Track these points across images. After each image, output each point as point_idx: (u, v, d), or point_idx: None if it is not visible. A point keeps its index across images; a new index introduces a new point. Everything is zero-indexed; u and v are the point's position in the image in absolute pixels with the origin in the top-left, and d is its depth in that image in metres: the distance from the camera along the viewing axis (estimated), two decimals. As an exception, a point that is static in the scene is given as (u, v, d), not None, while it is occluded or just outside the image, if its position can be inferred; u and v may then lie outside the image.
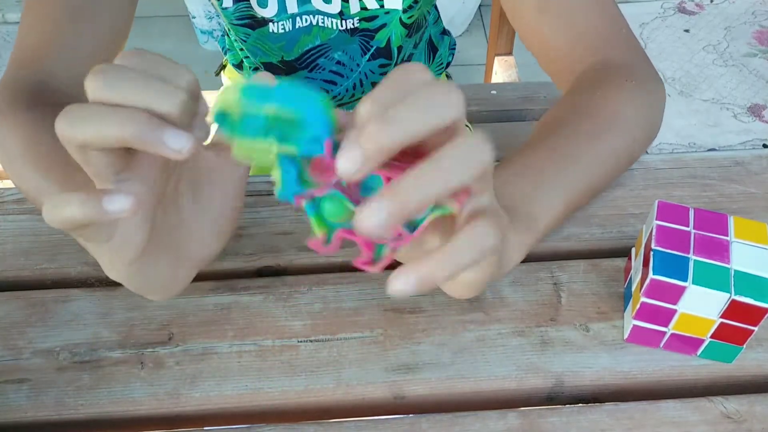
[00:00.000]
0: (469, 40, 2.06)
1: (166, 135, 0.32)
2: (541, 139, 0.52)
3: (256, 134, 0.33)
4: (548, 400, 0.46)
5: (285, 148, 0.33)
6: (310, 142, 0.33)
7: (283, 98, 0.32)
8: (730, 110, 1.84)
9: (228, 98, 0.32)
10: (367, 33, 0.71)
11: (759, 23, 2.11)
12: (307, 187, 0.34)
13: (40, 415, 0.45)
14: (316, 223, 0.35)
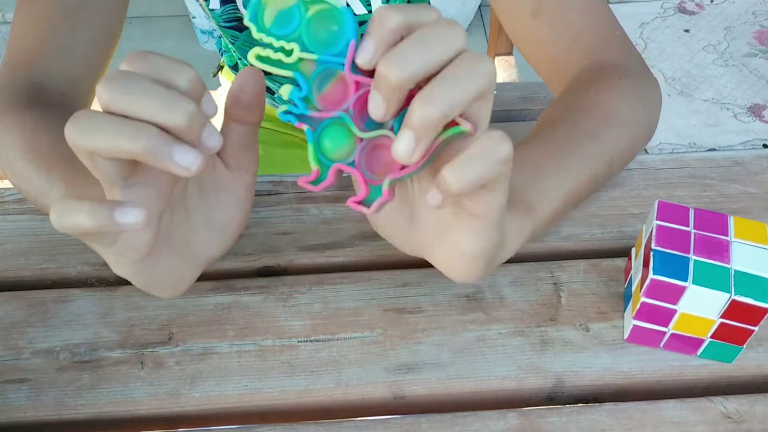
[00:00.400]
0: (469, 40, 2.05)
1: (176, 152, 0.32)
2: (539, 134, 0.52)
3: (283, 34, 0.33)
4: (548, 400, 0.46)
5: (306, 56, 0.33)
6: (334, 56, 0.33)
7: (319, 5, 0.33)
8: (730, 110, 1.84)
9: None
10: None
11: (759, 23, 2.11)
12: (314, 111, 0.34)
13: (40, 415, 0.45)
14: (314, 153, 0.35)
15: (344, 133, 0.35)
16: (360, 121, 0.35)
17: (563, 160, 0.50)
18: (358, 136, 0.35)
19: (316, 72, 0.34)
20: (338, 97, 0.34)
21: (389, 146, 0.34)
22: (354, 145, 0.35)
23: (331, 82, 0.34)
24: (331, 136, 0.35)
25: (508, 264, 0.52)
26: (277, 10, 0.33)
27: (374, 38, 0.32)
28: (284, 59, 0.34)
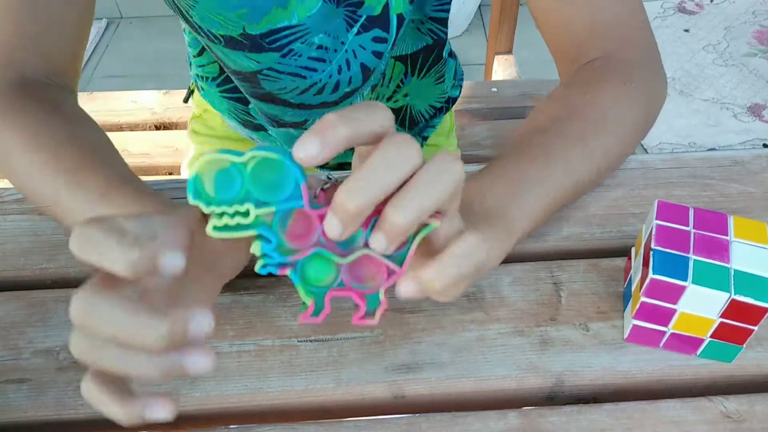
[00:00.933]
0: (469, 40, 2.06)
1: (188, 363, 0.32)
2: (527, 138, 0.52)
3: (232, 201, 0.33)
4: (548, 400, 0.46)
5: (263, 211, 0.34)
6: (288, 199, 0.34)
7: (254, 156, 0.33)
8: (730, 110, 1.84)
9: (202, 167, 0.33)
10: (354, 1, 0.60)
11: (759, 23, 2.11)
12: (289, 254, 0.35)
13: (40, 415, 0.45)
14: (304, 291, 0.36)
15: (325, 262, 0.36)
16: (334, 246, 0.36)
17: (548, 171, 0.49)
18: (338, 263, 0.36)
19: (276, 219, 0.34)
20: (305, 230, 0.35)
21: (370, 259, 0.36)
22: (336, 269, 0.36)
23: (293, 219, 0.35)
24: (314, 268, 0.36)
25: (508, 264, 0.52)
26: (214, 175, 0.33)
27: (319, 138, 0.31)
28: (243, 221, 0.34)
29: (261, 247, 0.35)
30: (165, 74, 1.97)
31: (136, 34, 2.07)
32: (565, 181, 0.50)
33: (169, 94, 1.11)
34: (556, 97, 0.56)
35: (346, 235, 0.33)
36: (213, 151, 0.33)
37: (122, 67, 1.98)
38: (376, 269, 0.37)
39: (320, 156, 0.31)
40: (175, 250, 0.32)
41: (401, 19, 0.63)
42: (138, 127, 1.07)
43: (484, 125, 1.04)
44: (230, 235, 0.34)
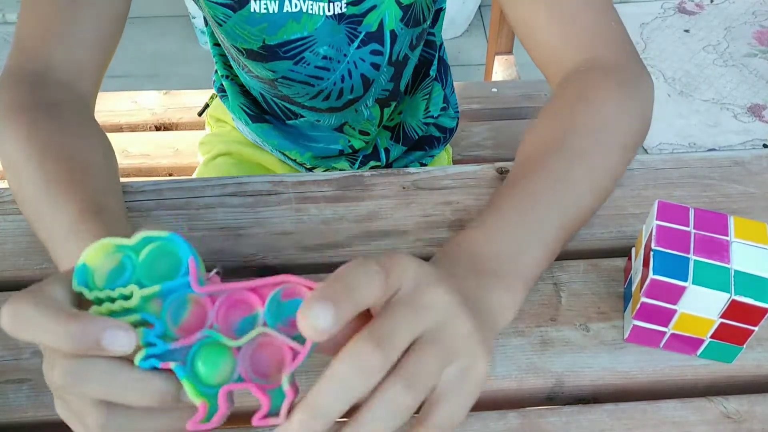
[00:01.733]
0: (469, 40, 2.06)
1: None
2: (527, 168, 0.50)
3: (116, 284, 0.32)
4: (548, 400, 0.46)
5: (147, 291, 0.32)
6: (176, 279, 0.32)
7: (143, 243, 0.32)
8: (730, 110, 1.84)
9: (91, 253, 0.32)
10: (354, 19, 0.66)
11: (759, 23, 2.11)
12: (176, 338, 0.32)
13: (40, 415, 0.45)
14: (193, 389, 0.31)
15: (218, 351, 0.32)
16: (229, 331, 0.32)
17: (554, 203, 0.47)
18: (233, 346, 0.32)
19: (165, 305, 0.32)
20: (198, 320, 0.32)
21: (271, 342, 0.32)
22: (233, 359, 0.32)
23: (185, 310, 0.32)
24: (205, 360, 0.32)
25: (508, 264, 0.52)
26: (107, 271, 0.32)
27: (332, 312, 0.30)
28: (126, 304, 0.31)
29: (143, 334, 0.31)
30: (165, 74, 1.97)
31: (136, 34, 2.07)
32: (572, 212, 0.48)
33: (169, 95, 1.11)
34: (550, 112, 0.55)
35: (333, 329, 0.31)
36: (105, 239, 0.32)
37: (122, 67, 1.98)
38: (278, 357, 0.33)
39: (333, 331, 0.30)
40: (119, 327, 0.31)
41: (394, 35, 0.68)
42: (138, 127, 1.07)
43: (484, 126, 1.04)
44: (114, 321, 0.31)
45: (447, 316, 0.35)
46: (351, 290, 0.31)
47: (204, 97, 1.09)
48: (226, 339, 0.32)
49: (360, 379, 0.32)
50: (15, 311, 0.31)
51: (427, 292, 0.35)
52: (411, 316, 0.34)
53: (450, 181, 0.59)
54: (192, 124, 1.07)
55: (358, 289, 0.31)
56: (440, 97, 0.83)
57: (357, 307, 0.31)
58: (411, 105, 0.82)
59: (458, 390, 0.35)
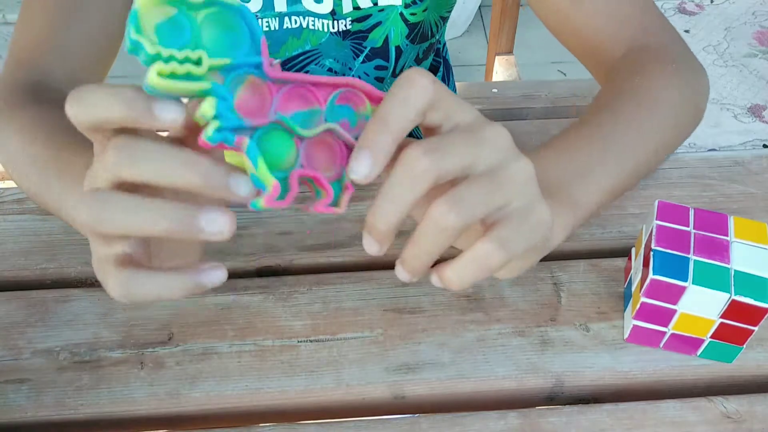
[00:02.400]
0: (469, 40, 2.06)
1: (203, 221, 0.31)
2: (586, 122, 0.52)
3: (182, 44, 0.28)
4: (548, 400, 0.46)
5: (219, 62, 0.29)
6: (245, 55, 0.29)
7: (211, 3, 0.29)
8: (730, 110, 1.84)
9: (144, 5, 0.28)
10: (359, 35, 0.67)
11: (759, 23, 2.11)
12: (243, 121, 0.30)
13: (40, 415, 0.45)
14: (265, 167, 0.30)
15: (284, 138, 0.31)
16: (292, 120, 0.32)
17: (607, 152, 0.49)
18: (299, 136, 0.32)
19: (228, 80, 0.30)
20: (257, 103, 0.31)
21: (327, 141, 0.33)
22: (296, 149, 0.32)
23: (244, 89, 0.30)
24: (272, 144, 0.31)
25: (508, 264, 0.52)
26: (158, 22, 0.28)
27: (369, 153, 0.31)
28: (194, 70, 0.29)
29: (215, 104, 0.29)
30: (165, 75, 1.97)
31: (136, 34, 2.07)
32: (625, 165, 0.49)
33: (169, 95, 1.11)
34: (607, 87, 0.55)
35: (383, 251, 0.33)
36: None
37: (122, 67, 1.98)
38: (332, 154, 0.33)
39: (375, 173, 0.31)
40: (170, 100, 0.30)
41: (399, 51, 0.69)
42: (138, 127, 1.07)
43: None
44: (175, 85, 0.28)
45: (509, 156, 0.35)
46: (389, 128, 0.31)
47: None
48: (297, 127, 0.31)
49: (408, 184, 0.32)
50: (78, 92, 0.31)
51: (493, 128, 0.34)
52: (471, 140, 0.34)
53: (450, 181, 0.59)
54: (192, 125, 1.07)
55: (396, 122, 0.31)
56: None
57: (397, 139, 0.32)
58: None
59: (518, 217, 0.34)
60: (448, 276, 0.35)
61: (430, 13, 0.68)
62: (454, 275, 0.34)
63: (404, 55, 0.69)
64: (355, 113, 0.33)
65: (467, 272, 0.34)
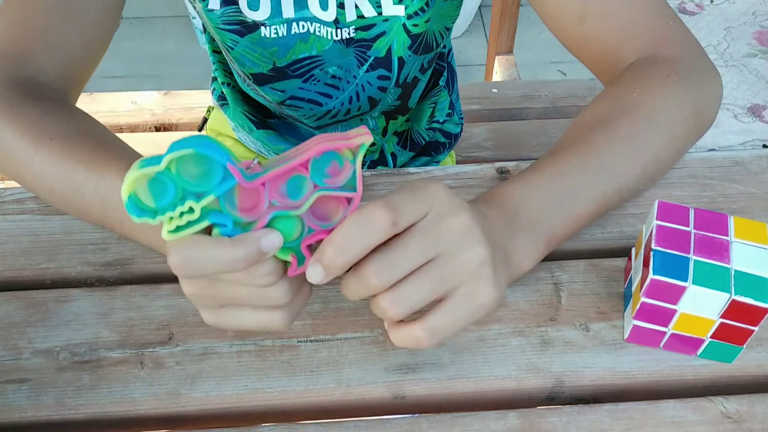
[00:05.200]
0: (469, 40, 2.06)
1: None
2: (572, 140, 0.52)
3: (173, 203, 0.34)
4: (548, 400, 0.46)
5: (205, 202, 0.35)
6: (222, 182, 0.35)
7: (172, 149, 0.34)
8: (730, 110, 1.84)
9: (130, 186, 0.34)
10: (363, 43, 0.66)
11: (759, 23, 2.11)
12: (249, 228, 0.36)
13: (40, 415, 0.45)
14: (281, 254, 0.37)
15: (285, 221, 0.37)
16: (286, 201, 0.36)
17: (589, 176, 0.50)
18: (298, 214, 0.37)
19: (222, 202, 0.35)
20: (254, 200, 0.36)
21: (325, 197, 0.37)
22: (300, 219, 0.37)
23: (238, 195, 0.36)
24: (279, 229, 0.37)
25: (508, 264, 0.52)
26: (146, 187, 0.34)
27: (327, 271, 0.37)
28: (191, 218, 0.35)
29: (220, 233, 0.36)
30: (165, 75, 1.97)
31: (136, 34, 2.07)
32: (609, 186, 0.50)
33: (169, 95, 1.11)
34: (604, 96, 0.56)
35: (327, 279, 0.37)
36: (135, 164, 0.34)
37: (122, 67, 1.98)
38: (335, 203, 0.38)
39: (327, 280, 0.37)
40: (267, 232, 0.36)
41: (401, 62, 0.69)
42: (138, 128, 1.07)
43: (484, 126, 1.04)
44: (185, 233, 0.35)
45: (461, 246, 0.38)
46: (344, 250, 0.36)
47: (204, 97, 1.09)
48: (292, 212, 0.37)
49: (362, 291, 0.38)
50: (183, 257, 0.35)
51: (450, 219, 0.38)
52: (423, 244, 0.38)
53: (450, 181, 0.59)
54: (192, 125, 1.07)
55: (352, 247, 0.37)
56: (446, 103, 0.83)
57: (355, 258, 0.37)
58: (418, 112, 0.82)
59: (457, 306, 0.39)
60: (390, 335, 0.40)
61: (434, 24, 0.67)
62: (392, 338, 0.40)
63: (407, 66, 0.69)
64: (339, 155, 0.36)
65: (402, 343, 0.40)
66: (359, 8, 0.63)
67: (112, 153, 0.50)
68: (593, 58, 0.60)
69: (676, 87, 0.53)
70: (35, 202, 0.57)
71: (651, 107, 0.52)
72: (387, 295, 0.38)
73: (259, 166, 0.36)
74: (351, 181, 0.37)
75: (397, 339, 0.40)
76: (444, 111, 0.83)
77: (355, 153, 0.36)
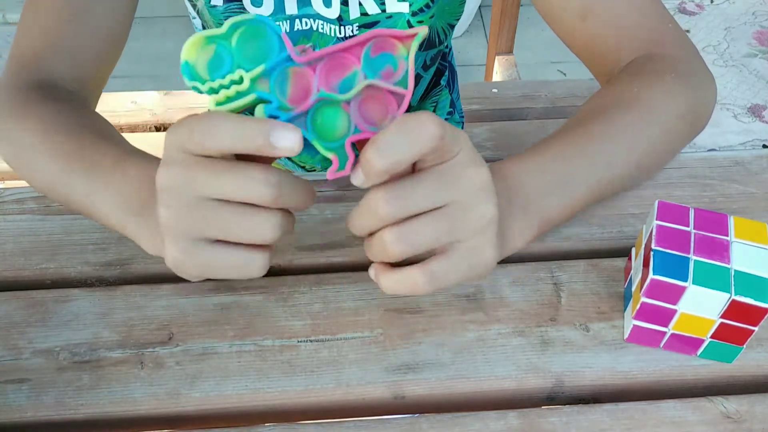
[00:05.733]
0: (469, 40, 2.06)
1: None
2: (572, 127, 0.53)
3: (224, 71, 0.34)
4: (548, 400, 0.46)
5: (254, 72, 0.34)
6: (276, 59, 0.34)
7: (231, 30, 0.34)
8: (730, 110, 1.84)
9: (189, 47, 0.34)
10: None
11: (759, 24, 2.11)
12: (293, 109, 0.35)
13: (40, 415, 0.45)
14: (321, 146, 0.36)
15: (332, 110, 0.36)
16: (335, 92, 0.36)
17: (587, 163, 0.50)
18: (344, 101, 0.35)
19: (272, 81, 0.35)
20: (304, 89, 0.35)
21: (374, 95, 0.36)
22: (346, 114, 0.36)
23: (289, 82, 0.35)
24: (324, 119, 0.35)
25: (508, 264, 0.52)
26: (206, 62, 0.34)
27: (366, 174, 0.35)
28: (239, 89, 0.35)
29: (264, 109, 0.35)
30: (165, 75, 1.97)
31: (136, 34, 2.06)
32: (604, 174, 0.51)
33: (169, 95, 1.11)
34: (604, 90, 0.56)
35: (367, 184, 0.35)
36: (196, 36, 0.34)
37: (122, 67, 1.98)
38: (383, 105, 0.36)
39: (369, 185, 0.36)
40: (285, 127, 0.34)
41: None
42: (138, 128, 1.07)
43: (484, 126, 1.04)
44: (232, 105, 0.35)
45: (477, 199, 0.38)
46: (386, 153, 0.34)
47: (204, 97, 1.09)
48: (336, 96, 0.35)
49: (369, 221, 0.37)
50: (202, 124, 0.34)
51: (472, 169, 0.38)
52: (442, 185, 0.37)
53: (450, 181, 0.59)
54: (192, 125, 1.07)
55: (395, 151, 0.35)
56: (447, 102, 0.83)
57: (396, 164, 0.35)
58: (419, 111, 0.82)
59: (460, 258, 0.38)
60: (381, 280, 0.39)
61: (437, 21, 0.67)
62: (384, 283, 0.39)
63: None
64: (393, 57, 0.35)
65: (395, 287, 0.39)
66: (363, 5, 0.63)
67: (107, 144, 0.50)
68: (593, 56, 0.60)
69: (673, 84, 0.54)
70: (35, 202, 0.57)
71: (649, 102, 0.53)
72: (394, 229, 0.37)
73: (310, 49, 0.36)
74: (403, 81, 0.36)
75: (390, 283, 0.39)
76: (445, 110, 0.83)
77: (409, 49, 0.35)
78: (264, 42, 0.34)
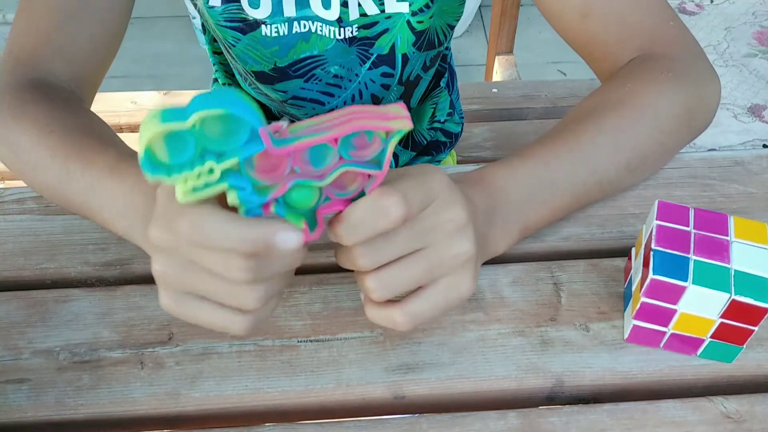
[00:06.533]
0: (469, 40, 2.06)
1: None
2: (558, 131, 0.52)
3: (191, 161, 0.32)
4: (548, 400, 0.46)
5: (227, 164, 0.32)
6: (248, 143, 0.32)
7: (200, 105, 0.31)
8: (730, 110, 1.84)
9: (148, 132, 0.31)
10: (366, 41, 0.66)
11: (759, 23, 2.11)
12: (267, 192, 0.35)
13: (40, 415, 0.45)
14: (293, 218, 0.36)
15: (304, 191, 0.36)
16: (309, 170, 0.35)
17: (571, 167, 0.50)
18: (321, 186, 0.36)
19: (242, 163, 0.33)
20: (275, 163, 0.34)
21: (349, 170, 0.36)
22: (318, 191, 0.36)
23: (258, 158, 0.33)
24: (297, 198, 0.36)
25: (508, 264, 0.52)
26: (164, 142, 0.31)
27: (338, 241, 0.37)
28: (210, 179, 0.32)
29: (237, 196, 0.34)
30: (165, 75, 1.97)
31: (136, 34, 2.07)
32: (590, 178, 0.51)
33: (169, 95, 1.11)
34: (598, 89, 0.56)
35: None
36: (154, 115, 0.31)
37: (122, 67, 1.98)
38: (354, 174, 0.36)
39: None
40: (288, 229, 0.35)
41: (405, 58, 0.68)
42: (138, 128, 1.07)
43: (484, 126, 1.04)
44: (202, 196, 0.33)
45: (452, 241, 0.39)
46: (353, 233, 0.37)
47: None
48: (315, 182, 0.35)
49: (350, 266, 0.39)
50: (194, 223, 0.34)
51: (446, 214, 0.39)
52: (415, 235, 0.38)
53: (450, 181, 0.59)
54: (192, 125, 1.07)
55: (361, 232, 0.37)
56: (447, 103, 0.83)
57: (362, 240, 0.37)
58: (419, 112, 0.82)
59: (437, 295, 0.40)
60: (366, 311, 0.41)
61: (437, 21, 0.67)
62: (369, 314, 0.41)
63: (411, 63, 0.69)
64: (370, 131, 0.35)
65: (377, 321, 0.41)
66: (362, 6, 0.63)
67: (104, 146, 0.50)
68: (594, 55, 0.60)
69: (668, 83, 0.54)
70: (35, 202, 0.57)
71: (640, 101, 0.53)
72: (372, 276, 0.38)
73: (287, 131, 0.34)
74: (378, 157, 0.36)
75: (373, 316, 0.41)
76: (445, 111, 0.83)
77: (390, 134, 0.35)
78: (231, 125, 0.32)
